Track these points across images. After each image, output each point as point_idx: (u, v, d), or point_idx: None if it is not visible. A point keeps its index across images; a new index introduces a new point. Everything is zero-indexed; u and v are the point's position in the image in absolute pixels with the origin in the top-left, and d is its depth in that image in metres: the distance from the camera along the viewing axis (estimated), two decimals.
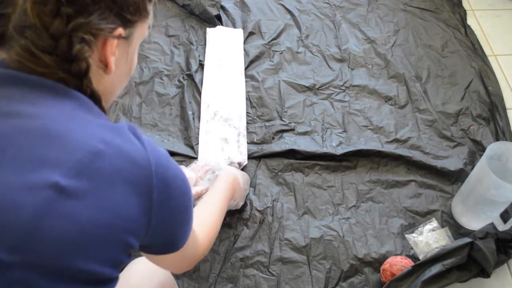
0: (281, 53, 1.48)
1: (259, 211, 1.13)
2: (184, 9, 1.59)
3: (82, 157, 0.45)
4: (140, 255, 0.94)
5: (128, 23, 0.54)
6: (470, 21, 1.68)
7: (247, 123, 1.30)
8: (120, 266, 0.51)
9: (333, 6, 1.66)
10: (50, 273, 0.43)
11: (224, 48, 1.46)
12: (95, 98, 0.53)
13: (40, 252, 0.42)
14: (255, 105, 1.34)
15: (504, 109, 1.38)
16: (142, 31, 0.59)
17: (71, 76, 0.50)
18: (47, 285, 0.43)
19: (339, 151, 1.23)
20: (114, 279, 0.51)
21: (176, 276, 1.01)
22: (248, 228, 1.11)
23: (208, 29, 1.52)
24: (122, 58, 0.57)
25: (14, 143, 0.45)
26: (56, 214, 0.43)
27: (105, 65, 0.54)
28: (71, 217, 0.44)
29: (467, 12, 1.71)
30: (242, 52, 1.46)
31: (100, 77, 0.54)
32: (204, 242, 0.75)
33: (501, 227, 1.07)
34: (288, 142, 1.26)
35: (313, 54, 1.49)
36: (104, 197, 0.46)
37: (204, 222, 0.81)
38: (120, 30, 0.53)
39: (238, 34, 1.51)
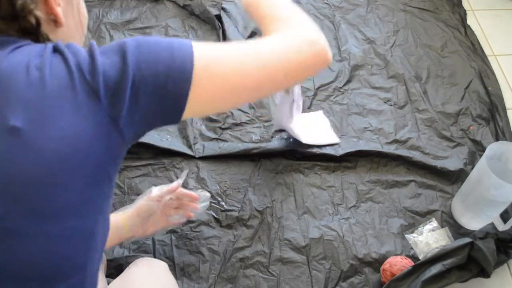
0: None
1: (258, 211, 1.13)
2: (184, 9, 1.59)
3: (23, 92, 0.43)
4: (140, 256, 0.94)
5: None
6: (470, 21, 1.67)
7: (245, 123, 1.29)
8: (109, 187, 0.49)
9: (332, 7, 1.66)
10: (34, 214, 0.43)
11: None
12: None
13: (16, 198, 0.42)
14: (254, 105, 1.34)
15: (504, 109, 1.38)
16: None
17: (25, 34, 0.50)
18: (35, 227, 0.43)
19: (339, 152, 1.23)
20: (103, 208, 0.49)
21: (176, 276, 1.02)
22: (248, 228, 1.11)
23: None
24: (69, 7, 0.56)
25: None
26: (22, 156, 0.42)
27: (54, 17, 0.53)
28: (36, 155, 0.42)
29: (467, 12, 1.71)
30: None
31: (54, 31, 0.54)
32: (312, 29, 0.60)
33: (501, 227, 1.07)
34: (287, 141, 1.25)
35: None
36: (55, 124, 0.44)
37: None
38: None
39: None
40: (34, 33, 0.50)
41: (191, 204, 0.98)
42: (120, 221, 0.88)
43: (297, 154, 1.24)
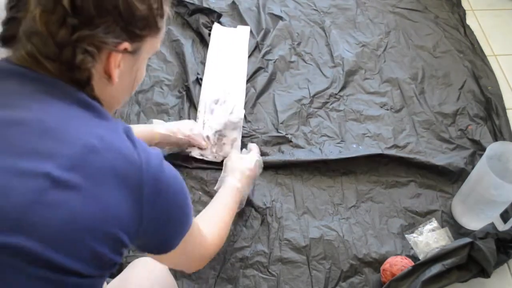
0: (274, 62, 1.45)
1: (258, 211, 1.13)
2: (184, 19, 1.57)
3: (76, 151, 0.46)
4: (140, 256, 0.94)
5: (136, 38, 0.54)
6: (470, 21, 1.67)
7: (243, 136, 1.25)
8: (110, 264, 0.51)
9: (321, 13, 1.64)
10: (32, 259, 0.43)
11: (227, 47, 1.46)
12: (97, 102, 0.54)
13: (27, 239, 0.43)
14: (250, 120, 1.32)
15: (504, 108, 1.38)
16: (152, 45, 0.59)
17: (73, 83, 0.52)
18: (29, 270, 0.43)
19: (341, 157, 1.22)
20: (97, 278, 0.51)
21: (176, 277, 1.01)
22: (248, 228, 1.11)
23: (214, 25, 1.51)
24: (128, 71, 0.57)
25: (9, 131, 0.46)
26: (47, 202, 0.44)
27: (108, 76, 0.54)
28: (61, 207, 0.44)
29: (467, 12, 1.71)
30: (246, 50, 1.47)
31: (103, 86, 0.55)
32: (213, 240, 0.77)
33: (501, 227, 1.07)
34: (286, 155, 1.23)
35: (306, 63, 1.48)
36: (95, 191, 0.47)
37: (212, 220, 0.82)
38: (125, 45, 0.53)
39: (244, 32, 1.51)
40: (81, 85, 0.52)
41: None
42: (154, 133, 1.09)
43: (298, 164, 1.22)
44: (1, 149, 0.45)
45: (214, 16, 1.55)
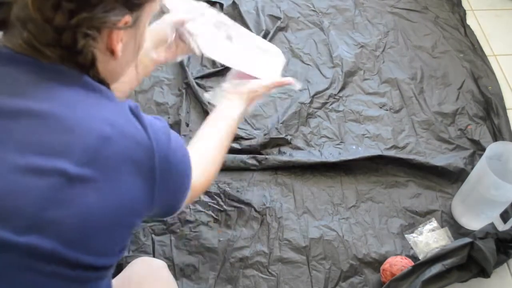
0: None
1: (258, 211, 1.13)
2: None
3: (90, 143, 0.45)
4: (140, 256, 0.94)
5: (135, 7, 0.52)
6: (470, 21, 1.67)
7: (243, 138, 1.25)
8: (121, 249, 0.51)
9: (319, 14, 1.64)
10: (52, 258, 0.43)
11: None
12: (102, 83, 0.52)
13: (44, 237, 0.42)
14: (250, 123, 1.31)
15: (504, 108, 1.38)
16: (151, 8, 0.56)
17: (77, 67, 0.49)
18: (49, 269, 0.43)
19: (340, 159, 1.22)
20: (111, 267, 0.51)
21: (176, 277, 1.01)
22: (247, 228, 1.11)
23: None
24: (130, 42, 0.55)
25: (20, 124, 0.44)
26: (63, 200, 0.43)
27: (111, 52, 0.52)
28: (77, 204, 0.44)
29: (467, 12, 1.71)
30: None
31: (106, 62, 0.53)
32: (201, 184, 0.72)
33: (501, 227, 1.07)
34: (286, 157, 1.23)
35: (305, 63, 1.48)
36: (111, 183, 0.46)
37: (203, 161, 0.75)
38: (126, 18, 0.50)
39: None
40: (85, 68, 0.50)
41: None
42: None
43: (297, 165, 1.22)
44: (12, 144, 0.43)
45: (217, 7, 1.55)
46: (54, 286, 0.44)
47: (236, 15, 1.60)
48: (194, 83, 1.36)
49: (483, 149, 1.22)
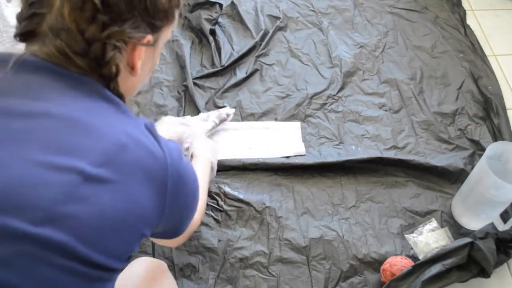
0: (272, 63, 1.45)
1: (258, 211, 1.13)
2: (185, 19, 1.57)
3: (107, 147, 0.47)
4: (140, 256, 0.94)
5: (156, 29, 0.57)
6: (470, 21, 1.67)
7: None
8: (128, 256, 0.53)
9: (319, 14, 1.64)
10: (64, 251, 0.44)
11: None
12: (120, 97, 0.55)
13: (57, 231, 0.43)
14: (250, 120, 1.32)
15: (504, 108, 1.38)
16: (167, 34, 0.61)
17: (101, 78, 0.53)
18: (60, 262, 0.44)
19: (339, 160, 1.22)
20: (117, 271, 0.52)
21: (176, 277, 1.01)
22: (247, 228, 1.11)
23: None
24: (148, 61, 0.60)
25: (42, 125, 0.47)
26: (79, 196, 0.45)
27: (131, 68, 0.57)
28: (92, 202, 0.45)
29: (467, 12, 1.71)
30: None
31: (125, 78, 0.57)
32: (198, 215, 0.80)
33: (501, 227, 1.07)
34: (285, 158, 1.23)
35: (303, 64, 1.48)
36: (125, 187, 0.48)
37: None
38: (149, 37, 0.55)
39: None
40: (108, 80, 0.54)
41: None
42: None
43: (297, 166, 1.22)
44: (35, 143, 0.46)
45: (216, 8, 1.55)
46: (62, 280, 0.45)
47: (235, 15, 1.59)
48: (192, 85, 1.36)
49: (483, 149, 1.22)
